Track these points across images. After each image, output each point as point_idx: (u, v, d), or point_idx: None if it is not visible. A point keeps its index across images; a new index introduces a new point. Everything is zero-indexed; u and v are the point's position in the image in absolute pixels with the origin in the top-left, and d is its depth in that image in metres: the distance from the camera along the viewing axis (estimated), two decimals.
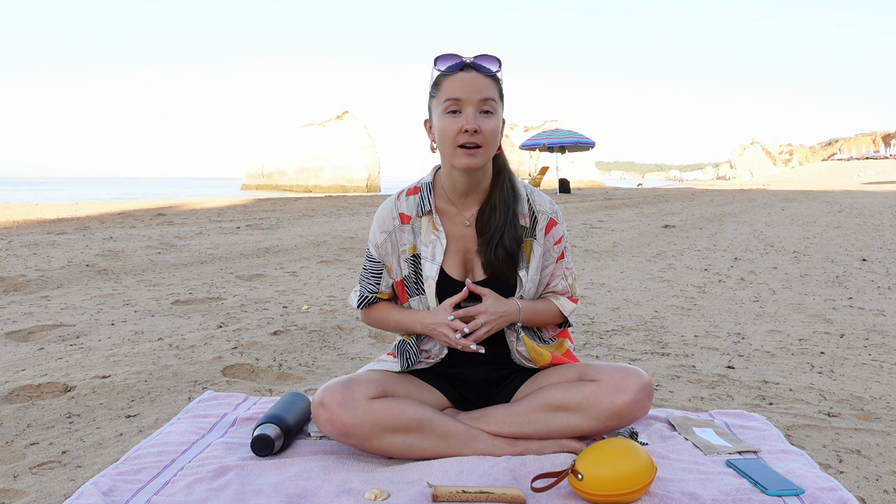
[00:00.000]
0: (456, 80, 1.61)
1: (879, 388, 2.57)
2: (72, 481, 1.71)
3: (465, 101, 1.60)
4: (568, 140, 22.18)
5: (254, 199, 16.33)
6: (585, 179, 53.37)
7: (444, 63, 1.65)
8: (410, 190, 1.77)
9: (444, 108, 1.62)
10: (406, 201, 1.75)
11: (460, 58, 1.65)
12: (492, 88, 1.63)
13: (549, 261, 1.78)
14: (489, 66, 1.65)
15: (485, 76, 1.63)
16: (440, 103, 1.63)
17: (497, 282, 1.71)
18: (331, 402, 1.59)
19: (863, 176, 54.03)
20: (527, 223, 1.74)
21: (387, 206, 1.78)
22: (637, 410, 1.64)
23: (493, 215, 1.70)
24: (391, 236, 1.75)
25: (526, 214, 1.74)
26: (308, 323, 3.52)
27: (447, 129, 1.61)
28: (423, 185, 1.76)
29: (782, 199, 19.27)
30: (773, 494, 1.48)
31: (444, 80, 1.63)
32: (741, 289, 4.79)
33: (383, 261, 1.77)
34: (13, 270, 5.07)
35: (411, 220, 1.74)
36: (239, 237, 7.71)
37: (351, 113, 51.46)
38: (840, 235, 8.77)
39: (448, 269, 1.71)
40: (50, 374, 2.58)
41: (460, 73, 1.62)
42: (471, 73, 1.62)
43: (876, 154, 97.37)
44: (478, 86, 1.61)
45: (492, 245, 1.68)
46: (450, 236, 1.73)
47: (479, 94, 1.60)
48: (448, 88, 1.61)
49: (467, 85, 1.60)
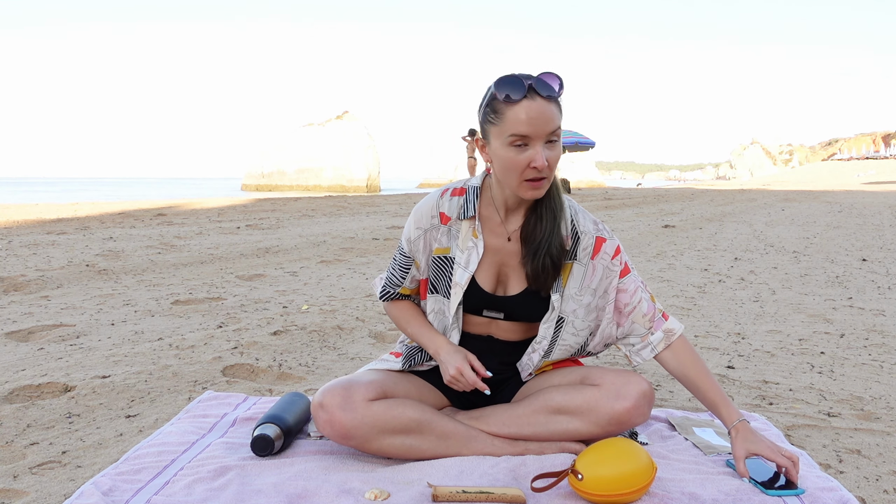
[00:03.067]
0: (521, 112, 1.49)
1: (879, 388, 2.57)
2: (72, 481, 1.71)
3: (534, 137, 1.50)
4: (568, 140, 22.17)
5: (254, 199, 16.33)
6: (585, 179, 53.37)
7: (507, 90, 1.50)
8: (456, 190, 1.71)
9: (509, 141, 1.52)
10: (449, 201, 1.70)
11: (523, 82, 1.50)
12: (557, 116, 1.52)
13: (609, 278, 1.70)
14: (553, 85, 1.52)
15: (549, 101, 1.51)
16: (503, 134, 1.52)
17: (535, 297, 1.67)
18: (330, 404, 1.59)
19: (863, 176, 54.04)
20: (568, 244, 1.66)
21: (428, 202, 1.71)
22: (637, 417, 1.63)
23: (538, 225, 1.63)
24: (426, 234, 1.71)
25: (568, 235, 1.66)
26: (308, 323, 3.52)
27: (514, 163, 1.53)
28: (469, 188, 1.70)
29: (782, 199, 19.27)
30: (773, 494, 1.48)
31: (507, 110, 1.51)
32: (741, 289, 4.79)
33: (413, 257, 1.73)
34: (13, 270, 5.07)
35: (450, 221, 1.69)
36: (239, 237, 7.71)
37: (351, 113, 51.45)
38: (840, 235, 8.77)
39: (479, 280, 1.68)
40: (50, 374, 2.58)
41: (524, 101, 1.49)
42: (536, 100, 1.49)
43: (876, 154, 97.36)
44: (545, 117, 1.50)
45: (539, 254, 1.61)
46: (487, 247, 1.68)
47: (547, 128, 1.50)
48: (513, 122, 1.50)
49: (535, 116, 1.49)
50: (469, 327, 1.75)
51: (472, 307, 1.71)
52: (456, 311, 1.69)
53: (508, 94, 1.50)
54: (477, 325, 1.74)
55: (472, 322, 1.74)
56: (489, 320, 1.73)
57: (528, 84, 1.50)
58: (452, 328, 1.72)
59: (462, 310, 1.71)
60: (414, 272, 1.76)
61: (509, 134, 1.51)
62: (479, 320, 1.73)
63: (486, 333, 1.75)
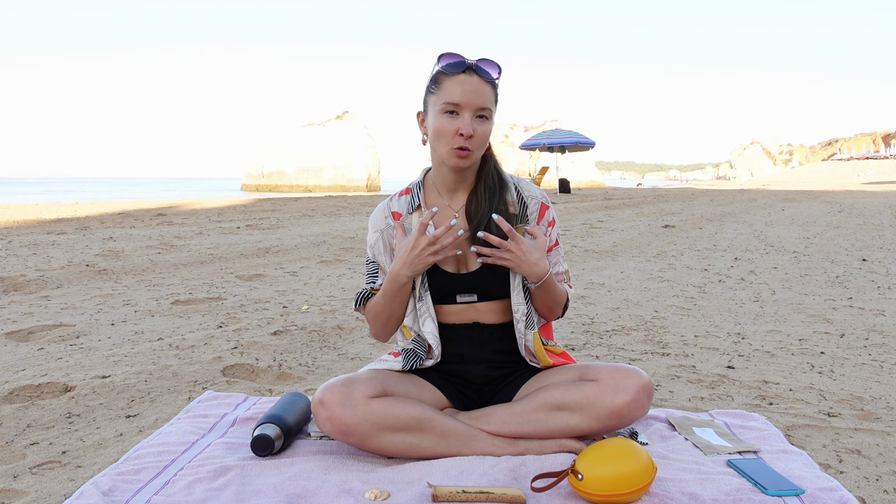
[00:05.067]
0: (457, 83, 1.64)
1: (879, 388, 2.57)
2: (72, 481, 1.71)
3: (464, 106, 1.63)
4: (568, 140, 22.18)
5: (254, 200, 16.34)
6: (585, 179, 53.37)
7: (448, 62, 1.67)
8: (403, 191, 1.84)
9: (442, 108, 1.65)
10: (398, 201, 1.82)
11: (463, 59, 1.67)
12: (489, 95, 1.67)
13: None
14: (490, 71, 1.68)
15: (485, 81, 1.66)
16: (438, 102, 1.66)
17: (492, 271, 1.72)
18: (330, 401, 1.60)
19: (863, 176, 54.05)
20: (516, 210, 1.77)
21: (380, 207, 1.84)
22: (637, 410, 1.64)
23: (479, 203, 1.74)
24: (383, 234, 1.80)
25: (514, 202, 1.77)
26: (308, 323, 3.52)
27: (444, 129, 1.65)
28: (413, 185, 1.83)
29: (782, 199, 19.27)
30: (773, 494, 1.48)
31: (446, 80, 1.66)
32: (741, 289, 4.79)
33: (377, 260, 1.82)
34: (13, 270, 5.07)
35: (402, 217, 1.79)
36: (239, 237, 7.71)
37: (351, 113, 51.47)
38: (840, 235, 8.77)
39: (440, 262, 1.73)
40: (50, 374, 2.58)
41: (462, 75, 1.65)
42: (472, 77, 1.65)
43: (876, 154, 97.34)
44: (477, 91, 1.64)
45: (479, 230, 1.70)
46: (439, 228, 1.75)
47: (478, 102, 1.64)
48: (449, 90, 1.64)
49: (468, 89, 1.64)
50: (452, 317, 1.77)
51: (444, 294, 1.74)
52: (423, 297, 1.74)
53: (449, 65, 1.66)
54: (458, 314, 1.77)
55: (452, 311, 1.77)
56: (467, 306, 1.76)
57: (468, 62, 1.66)
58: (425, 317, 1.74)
59: (432, 297, 1.74)
60: (382, 276, 1.83)
61: (443, 101, 1.65)
62: (458, 308, 1.76)
63: (472, 321, 1.77)
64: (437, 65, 1.69)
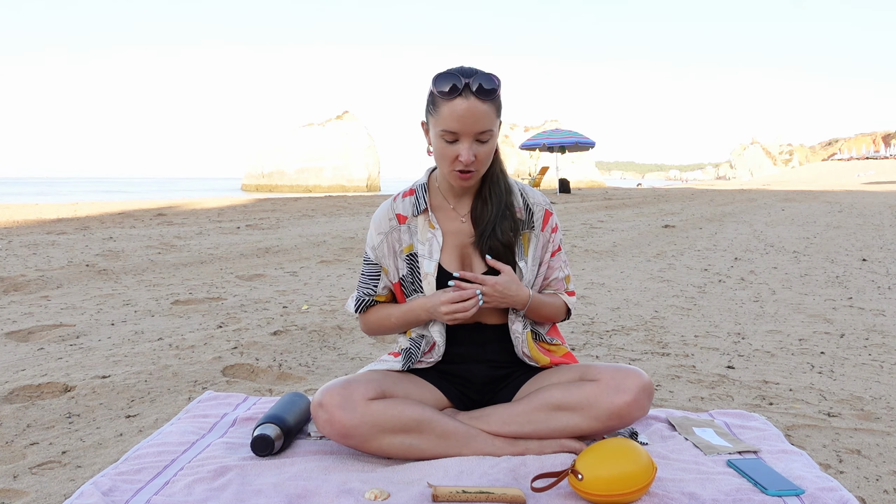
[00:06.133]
0: (454, 110, 1.56)
1: (879, 388, 2.57)
2: (72, 481, 1.71)
3: (463, 134, 1.58)
4: (568, 140, 22.17)
5: (254, 200, 16.33)
6: (585, 179, 53.39)
7: (442, 86, 1.58)
8: (406, 192, 1.81)
9: (440, 133, 1.60)
10: (402, 202, 1.79)
11: (459, 80, 1.56)
12: (488, 116, 1.59)
13: (548, 252, 1.81)
14: (487, 89, 1.58)
15: (482, 101, 1.57)
16: (437, 126, 1.61)
17: (496, 273, 1.71)
18: (330, 404, 1.59)
19: (863, 176, 54.04)
20: (522, 215, 1.77)
21: (383, 208, 1.81)
22: (637, 410, 1.64)
23: (485, 208, 1.73)
24: (388, 237, 1.78)
25: (521, 208, 1.77)
26: (308, 323, 3.52)
27: (444, 154, 1.63)
28: (417, 187, 1.80)
29: (782, 199, 19.27)
30: (773, 494, 1.48)
31: (443, 105, 1.58)
32: (741, 289, 4.79)
33: (380, 263, 1.80)
34: (13, 270, 5.07)
35: (407, 219, 1.77)
36: (239, 237, 7.71)
37: (351, 113, 51.48)
38: (840, 235, 8.77)
39: (446, 265, 1.73)
40: (50, 374, 2.58)
41: (458, 99, 1.56)
42: (468, 99, 1.56)
43: (876, 154, 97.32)
44: (475, 117, 1.56)
45: (485, 237, 1.71)
46: (446, 232, 1.75)
47: (476, 127, 1.58)
48: (446, 117, 1.58)
49: (464, 115, 1.56)
50: None
51: None
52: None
53: (443, 90, 1.58)
54: None
55: None
56: None
57: (465, 83, 1.57)
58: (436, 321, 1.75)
59: None
60: (384, 279, 1.80)
61: (441, 129, 1.60)
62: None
63: (474, 321, 1.76)
64: (432, 86, 1.61)
